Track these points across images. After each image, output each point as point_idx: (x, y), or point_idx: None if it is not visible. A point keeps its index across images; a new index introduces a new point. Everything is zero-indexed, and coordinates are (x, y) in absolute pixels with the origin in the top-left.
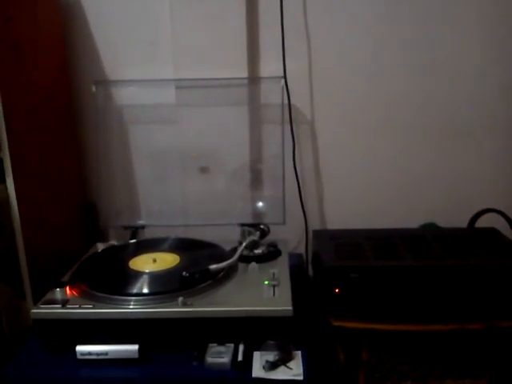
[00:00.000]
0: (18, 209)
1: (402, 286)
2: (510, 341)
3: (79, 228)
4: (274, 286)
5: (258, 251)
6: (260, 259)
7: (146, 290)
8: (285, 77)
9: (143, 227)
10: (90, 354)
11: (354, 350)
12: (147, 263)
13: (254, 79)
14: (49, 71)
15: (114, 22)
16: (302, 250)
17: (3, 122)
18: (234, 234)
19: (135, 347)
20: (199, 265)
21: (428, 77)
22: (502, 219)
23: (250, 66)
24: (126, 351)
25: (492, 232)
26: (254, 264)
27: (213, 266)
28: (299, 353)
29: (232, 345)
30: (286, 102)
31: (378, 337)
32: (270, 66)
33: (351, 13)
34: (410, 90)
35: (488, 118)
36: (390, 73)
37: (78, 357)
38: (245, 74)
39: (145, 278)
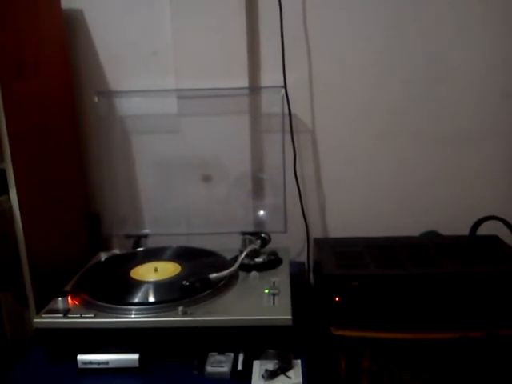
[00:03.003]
0: (21, 219)
1: (402, 295)
2: (511, 349)
3: (83, 237)
4: (274, 295)
5: (258, 260)
6: (261, 268)
7: (146, 300)
8: (285, 86)
9: (146, 236)
10: (90, 363)
11: (355, 358)
12: (149, 272)
13: (254, 89)
14: (51, 82)
15: (116, 34)
16: (303, 258)
17: (6, 133)
18: (237, 242)
19: (136, 356)
20: (200, 274)
21: (430, 85)
22: (503, 226)
23: (250, 75)
24: (127, 360)
25: (493, 239)
26: (254, 273)
27: (213, 275)
28: (299, 362)
29: (232, 354)
30: (286, 111)
31: (380, 345)
32: (270, 76)
33: (352, 21)
34: (412, 99)
35: (491, 125)
36: (391, 81)
37: (79, 366)
38: (245, 84)
39: (146, 287)
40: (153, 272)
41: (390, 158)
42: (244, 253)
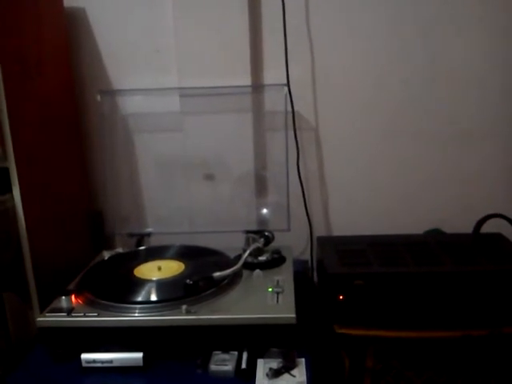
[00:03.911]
0: (24, 218)
1: (406, 293)
2: None
3: (86, 236)
4: (277, 294)
5: (262, 258)
6: (264, 266)
7: (150, 298)
8: (288, 84)
9: (149, 234)
10: (94, 361)
11: (359, 356)
12: (152, 271)
13: (257, 87)
14: (54, 81)
15: (118, 32)
16: (307, 256)
17: (9, 133)
18: (240, 240)
19: (139, 355)
20: (204, 272)
21: (432, 83)
22: (507, 224)
23: (253, 73)
24: (131, 359)
25: (497, 237)
26: (258, 271)
27: (216, 274)
28: (303, 360)
29: (236, 352)
30: (289, 109)
31: (383, 343)
32: (273, 74)
33: (354, 19)
34: (414, 97)
35: (492, 123)
36: (394, 79)
37: (83, 365)
38: (248, 82)
39: (149, 285)
40: (156, 270)
41: (391, 156)
42: (247, 251)
